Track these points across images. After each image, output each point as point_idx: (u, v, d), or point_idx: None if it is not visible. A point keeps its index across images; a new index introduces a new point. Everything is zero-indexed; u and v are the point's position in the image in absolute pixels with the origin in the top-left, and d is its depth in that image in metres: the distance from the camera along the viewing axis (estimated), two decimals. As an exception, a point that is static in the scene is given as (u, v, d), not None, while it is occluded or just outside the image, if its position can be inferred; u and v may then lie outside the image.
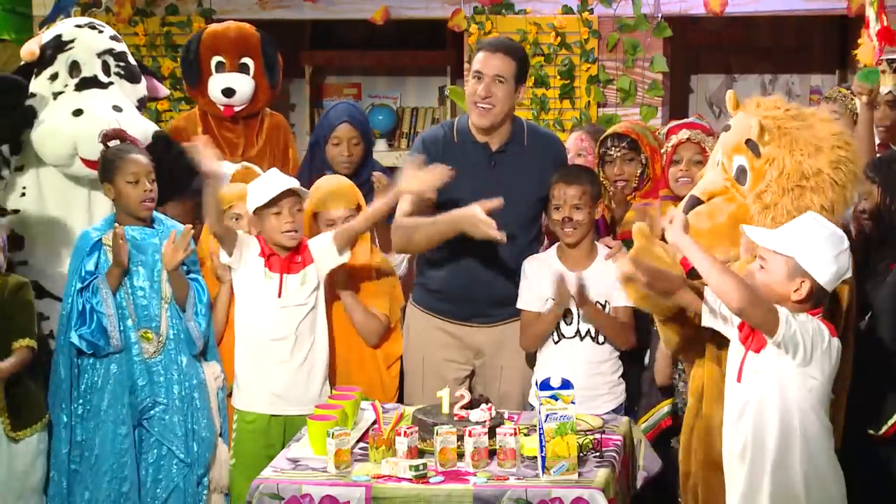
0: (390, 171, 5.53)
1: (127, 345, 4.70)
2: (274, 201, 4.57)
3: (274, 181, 4.64)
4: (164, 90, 5.66)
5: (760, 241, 3.57)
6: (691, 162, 4.85)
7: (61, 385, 4.75)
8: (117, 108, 5.08)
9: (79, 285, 4.69)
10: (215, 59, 5.74)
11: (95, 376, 4.73)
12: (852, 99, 5.18)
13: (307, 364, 4.65)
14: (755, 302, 3.45)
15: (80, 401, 4.74)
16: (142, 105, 5.37)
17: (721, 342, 3.79)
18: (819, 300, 3.54)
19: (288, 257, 4.63)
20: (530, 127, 4.82)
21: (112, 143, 4.82)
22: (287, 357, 4.62)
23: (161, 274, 4.73)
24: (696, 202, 3.96)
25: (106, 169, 4.75)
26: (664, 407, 4.69)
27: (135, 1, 6.71)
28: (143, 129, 5.12)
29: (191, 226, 4.71)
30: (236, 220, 4.89)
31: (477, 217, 4.39)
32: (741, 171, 3.86)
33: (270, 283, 4.62)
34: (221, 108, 5.73)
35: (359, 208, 4.87)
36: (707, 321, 3.73)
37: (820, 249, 3.50)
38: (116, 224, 4.71)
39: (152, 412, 4.74)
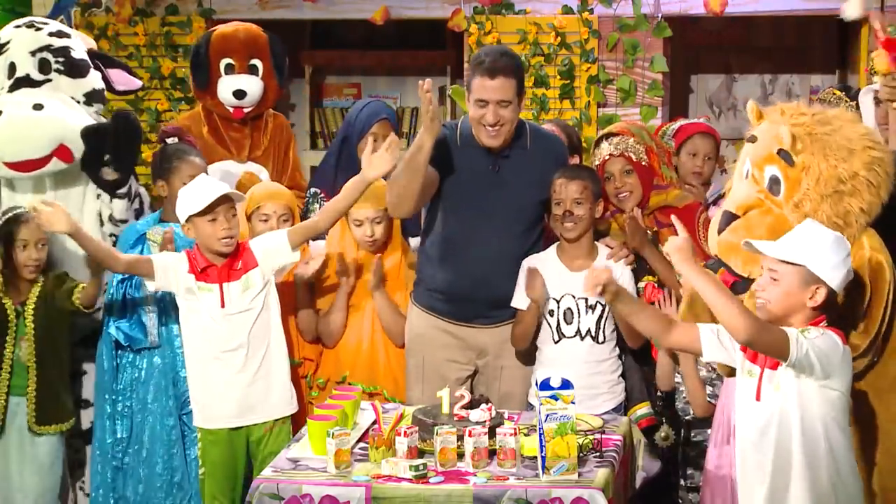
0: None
1: (169, 337, 4.73)
2: (209, 208, 4.47)
3: (207, 187, 4.53)
4: (136, 82, 5.54)
5: (770, 252, 3.53)
6: (624, 173, 4.86)
7: (104, 376, 4.81)
8: (38, 107, 4.94)
9: (120, 276, 4.72)
10: (224, 61, 5.71)
11: (136, 372, 4.80)
12: (846, 101, 5.16)
13: (263, 370, 4.58)
14: (762, 329, 3.43)
15: (120, 397, 4.78)
16: (92, 99, 5.22)
17: None
18: (830, 305, 3.53)
19: (226, 265, 4.55)
20: (533, 128, 4.81)
21: (171, 140, 4.83)
22: (241, 367, 4.55)
23: None
24: (732, 217, 3.85)
25: (162, 167, 4.78)
26: (641, 408, 4.71)
27: (135, 1, 6.71)
28: (65, 125, 4.95)
29: (170, 228, 4.72)
30: (265, 220, 4.87)
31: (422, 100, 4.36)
32: (774, 182, 3.79)
33: (210, 295, 4.53)
34: (231, 109, 5.71)
35: (384, 211, 4.86)
36: (708, 356, 3.70)
37: (829, 254, 3.49)
38: (170, 226, 4.73)
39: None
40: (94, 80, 5.25)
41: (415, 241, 5.24)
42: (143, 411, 4.79)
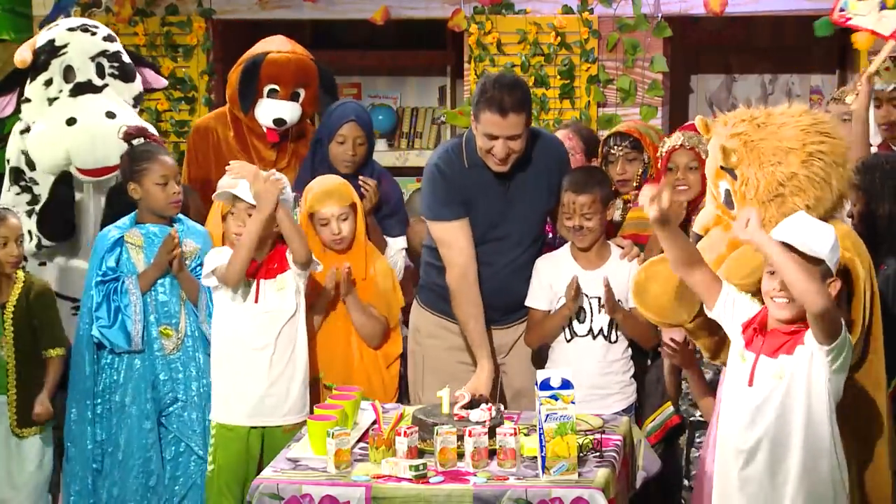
0: (389, 172, 5.54)
1: (149, 340, 4.72)
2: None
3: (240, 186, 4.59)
4: (162, 81, 5.66)
5: (801, 246, 3.50)
6: (687, 168, 4.83)
7: (85, 382, 4.78)
8: (110, 115, 5.09)
9: (98, 278, 4.71)
10: (269, 87, 5.67)
11: (115, 374, 4.77)
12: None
13: (287, 373, 4.60)
14: (832, 305, 3.42)
15: (99, 399, 4.77)
16: (137, 102, 5.38)
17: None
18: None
19: (264, 262, 4.58)
20: (533, 134, 4.76)
21: (136, 142, 4.83)
22: (267, 367, 4.56)
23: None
24: (697, 238, 3.92)
25: (133, 169, 4.76)
26: (669, 407, 4.70)
27: (135, 1, 6.71)
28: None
29: (175, 229, 4.71)
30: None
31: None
32: (728, 196, 3.82)
33: (245, 289, 4.56)
34: (265, 129, 5.68)
35: (353, 206, 4.87)
36: (716, 313, 3.66)
37: (832, 245, 3.48)
38: (174, 227, 4.73)
39: (171, 409, 4.78)
40: (139, 83, 5.39)
41: (393, 241, 5.25)
42: (120, 413, 4.75)
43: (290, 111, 5.65)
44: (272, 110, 5.63)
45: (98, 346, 4.77)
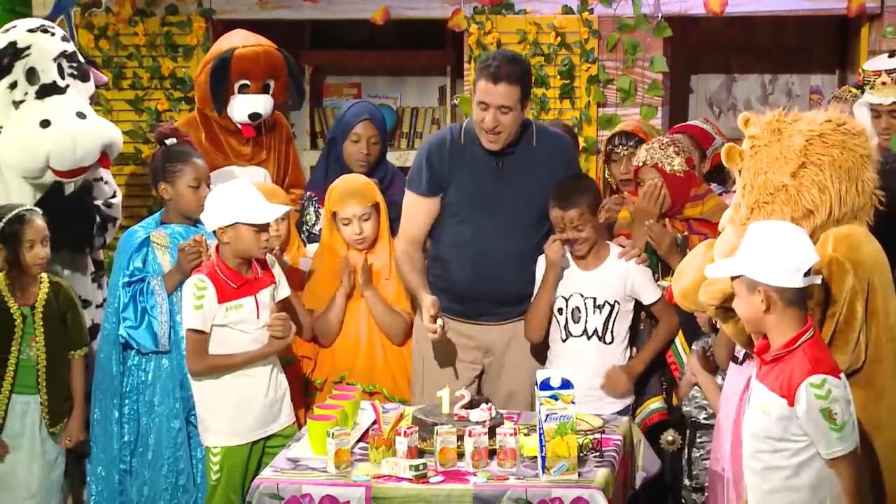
0: (401, 171, 5.53)
1: (176, 340, 4.72)
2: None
3: (263, 201, 4.49)
4: (103, 78, 5.66)
5: (710, 273, 3.53)
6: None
7: (112, 381, 4.80)
8: (81, 115, 5.09)
9: (126, 279, 4.72)
10: (240, 82, 5.65)
11: (143, 375, 4.78)
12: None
13: (281, 379, 4.59)
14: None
15: (126, 400, 4.77)
16: (92, 101, 5.36)
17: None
18: (794, 302, 3.41)
19: (254, 274, 4.51)
20: (539, 128, 4.79)
21: (169, 142, 4.82)
22: (268, 381, 4.52)
23: None
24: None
25: (167, 170, 4.76)
26: (653, 403, 4.71)
27: (135, 1, 6.70)
28: (110, 132, 5.14)
29: (202, 234, 4.69)
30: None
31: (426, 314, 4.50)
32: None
33: (243, 310, 4.47)
34: (240, 125, 5.66)
35: (376, 206, 4.87)
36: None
37: (759, 254, 3.40)
38: (201, 231, 4.71)
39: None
40: (93, 82, 5.36)
41: None
42: (149, 414, 4.77)
43: (263, 104, 5.65)
44: (246, 105, 5.63)
45: (124, 347, 4.77)
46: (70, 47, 5.28)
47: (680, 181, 4.80)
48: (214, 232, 4.46)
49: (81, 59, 5.32)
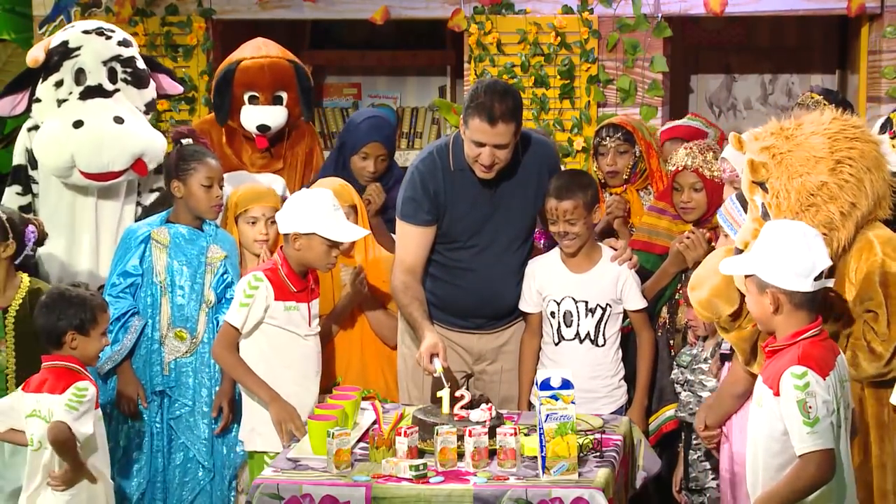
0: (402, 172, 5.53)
1: (156, 345, 4.72)
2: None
3: (346, 222, 4.50)
4: (178, 87, 5.62)
5: (724, 269, 3.57)
6: (692, 189, 4.81)
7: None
8: (118, 120, 5.09)
9: (114, 279, 4.72)
10: (249, 94, 5.67)
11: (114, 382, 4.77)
12: (825, 104, 5.10)
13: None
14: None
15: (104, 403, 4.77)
16: (150, 108, 5.37)
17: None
18: (803, 304, 3.44)
19: (309, 283, 4.50)
20: (523, 137, 4.66)
21: (185, 141, 4.82)
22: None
23: (204, 277, 4.74)
24: (738, 253, 3.85)
25: (180, 167, 4.75)
26: (668, 411, 4.69)
27: (135, 1, 6.71)
28: (146, 140, 5.13)
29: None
30: (252, 223, 4.90)
31: (422, 355, 4.39)
32: (765, 209, 3.78)
33: (297, 314, 4.44)
34: (254, 135, 5.68)
35: (353, 207, 4.87)
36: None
37: (770, 255, 3.43)
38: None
39: (179, 414, 4.75)
40: (153, 89, 5.37)
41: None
42: (126, 418, 4.75)
43: (272, 116, 5.66)
44: (255, 117, 5.65)
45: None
46: (128, 52, 5.28)
47: (718, 187, 4.76)
48: (286, 234, 4.43)
49: (140, 66, 5.31)
